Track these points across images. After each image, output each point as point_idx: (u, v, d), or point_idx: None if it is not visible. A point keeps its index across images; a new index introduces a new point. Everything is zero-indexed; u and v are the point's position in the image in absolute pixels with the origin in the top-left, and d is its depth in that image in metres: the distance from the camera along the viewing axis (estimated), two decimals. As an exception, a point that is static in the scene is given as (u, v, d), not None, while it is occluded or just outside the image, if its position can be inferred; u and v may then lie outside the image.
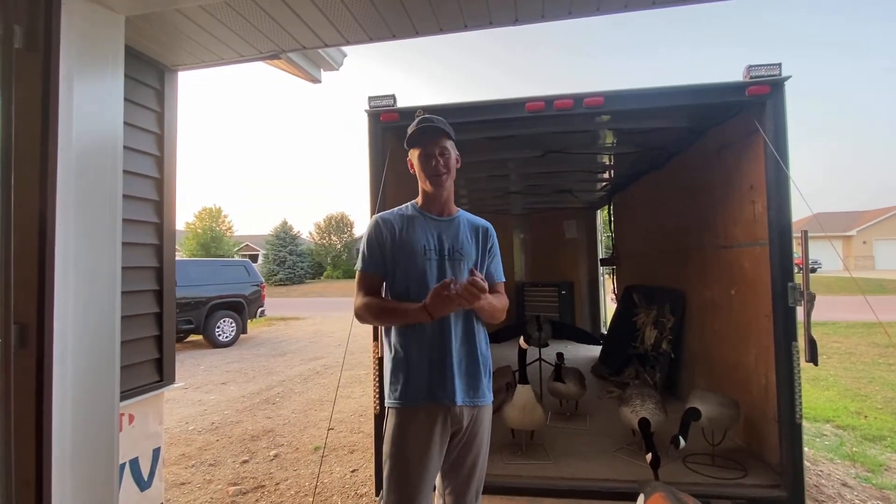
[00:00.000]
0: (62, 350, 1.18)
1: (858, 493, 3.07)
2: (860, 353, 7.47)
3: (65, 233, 1.20)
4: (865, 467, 3.44)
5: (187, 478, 3.43)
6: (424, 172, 1.54)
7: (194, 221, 31.21)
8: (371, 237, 1.55)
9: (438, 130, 1.53)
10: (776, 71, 2.18)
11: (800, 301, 2.11)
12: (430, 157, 1.52)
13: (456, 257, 1.55)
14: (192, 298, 8.76)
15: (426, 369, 1.45)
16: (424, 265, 1.50)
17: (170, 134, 2.14)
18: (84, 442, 1.22)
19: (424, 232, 1.55)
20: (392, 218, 1.56)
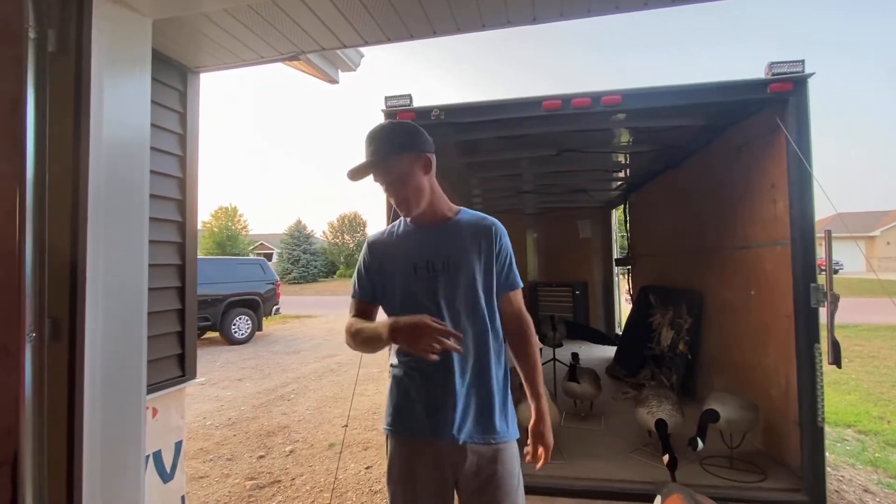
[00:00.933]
0: (93, 344, 1.22)
1: (881, 499, 3.00)
2: (883, 357, 7.28)
3: (95, 230, 1.24)
4: (888, 473, 3.36)
5: (206, 472, 3.50)
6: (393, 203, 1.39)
7: (210, 220, 31.76)
8: (360, 263, 1.44)
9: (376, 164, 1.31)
10: (799, 68, 2.14)
11: (823, 302, 2.07)
12: (384, 187, 1.36)
13: (452, 270, 1.31)
14: (208, 296, 8.92)
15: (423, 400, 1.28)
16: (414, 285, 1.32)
17: (192, 134, 2.18)
18: (113, 433, 1.26)
19: (416, 246, 1.36)
20: (382, 238, 1.44)
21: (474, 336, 1.31)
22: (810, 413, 2.12)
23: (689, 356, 3.63)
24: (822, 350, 2.09)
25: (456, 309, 1.30)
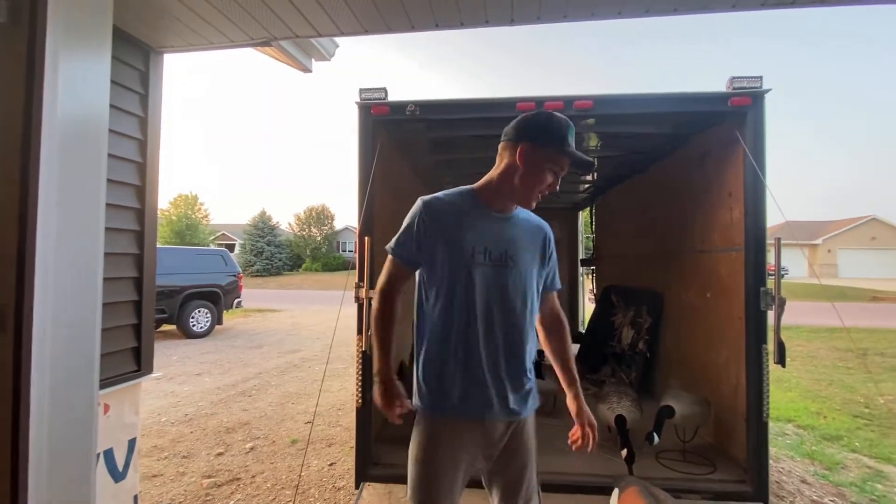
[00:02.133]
0: (41, 336, 1.15)
1: (816, 489, 3.24)
2: (821, 357, 7.83)
3: (47, 215, 1.16)
4: (823, 465, 3.63)
5: (160, 470, 3.36)
6: (538, 187, 1.32)
7: (169, 208, 30.33)
8: (414, 222, 1.33)
9: (592, 169, 1.45)
10: (757, 83, 2.27)
11: (771, 305, 2.20)
12: (556, 179, 1.34)
13: (508, 264, 1.33)
14: (165, 287, 8.53)
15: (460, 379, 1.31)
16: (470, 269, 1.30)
17: (154, 118, 2.08)
18: (62, 430, 1.19)
19: (481, 230, 1.33)
20: (443, 206, 1.33)
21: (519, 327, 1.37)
22: (756, 409, 2.26)
23: (647, 354, 3.79)
24: (768, 350, 2.23)
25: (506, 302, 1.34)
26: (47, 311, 1.16)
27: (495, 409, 1.34)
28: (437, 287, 1.33)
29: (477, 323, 1.31)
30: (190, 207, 30.77)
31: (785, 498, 3.03)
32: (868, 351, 8.32)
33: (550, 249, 1.47)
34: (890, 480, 3.40)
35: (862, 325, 11.09)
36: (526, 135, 1.31)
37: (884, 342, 9.13)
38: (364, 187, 2.33)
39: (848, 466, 3.63)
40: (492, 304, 1.32)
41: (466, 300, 1.30)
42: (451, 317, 1.31)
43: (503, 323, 1.33)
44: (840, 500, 3.09)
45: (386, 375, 1.35)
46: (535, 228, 1.43)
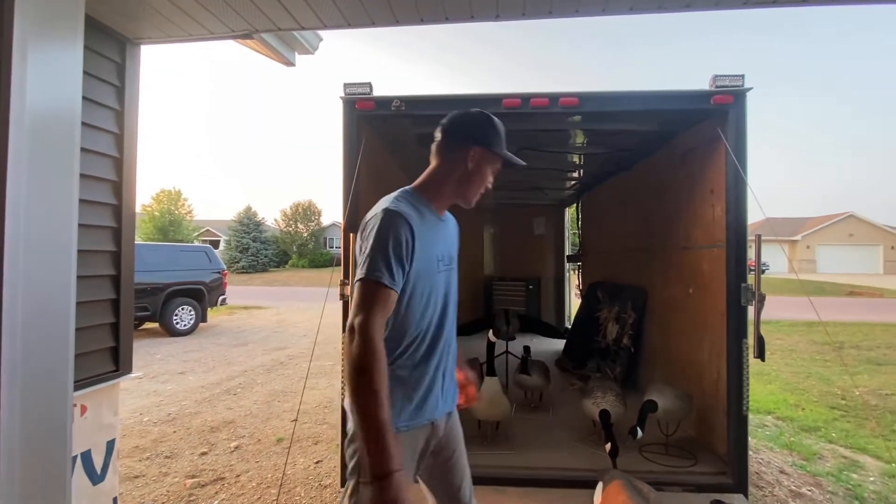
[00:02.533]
0: (11, 334, 1.11)
1: (794, 479, 3.32)
2: (800, 350, 8.02)
3: (15, 211, 1.12)
4: (801, 456, 3.72)
5: (142, 470, 3.31)
6: (478, 188, 1.33)
7: (151, 204, 29.71)
8: (401, 240, 1.14)
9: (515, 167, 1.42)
10: (739, 82, 2.30)
11: (751, 301, 2.24)
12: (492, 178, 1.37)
13: (452, 266, 1.36)
14: (147, 284, 8.36)
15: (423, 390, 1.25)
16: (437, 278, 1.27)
17: (130, 111, 2.02)
18: (35, 433, 1.15)
19: (439, 237, 1.31)
20: (413, 215, 1.20)
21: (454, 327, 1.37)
22: (736, 402, 2.31)
23: (632, 349, 3.84)
24: (748, 345, 2.28)
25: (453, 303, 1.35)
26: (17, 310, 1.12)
27: (441, 404, 1.31)
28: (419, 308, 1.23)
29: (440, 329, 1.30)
30: (173, 203, 30.19)
31: (764, 488, 3.10)
32: (844, 344, 8.56)
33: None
34: (865, 470, 3.51)
35: (839, 320, 11.40)
36: (477, 138, 1.29)
37: (859, 335, 9.40)
38: (349, 183, 2.31)
39: (825, 456, 3.73)
40: (447, 308, 1.32)
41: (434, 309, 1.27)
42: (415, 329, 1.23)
43: (451, 325, 1.34)
44: (817, 490, 3.17)
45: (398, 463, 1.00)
46: (455, 226, 1.45)
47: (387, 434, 0.99)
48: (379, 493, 0.97)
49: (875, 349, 8.12)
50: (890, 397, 5.35)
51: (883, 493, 3.14)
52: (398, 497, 0.97)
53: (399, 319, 1.21)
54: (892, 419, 4.65)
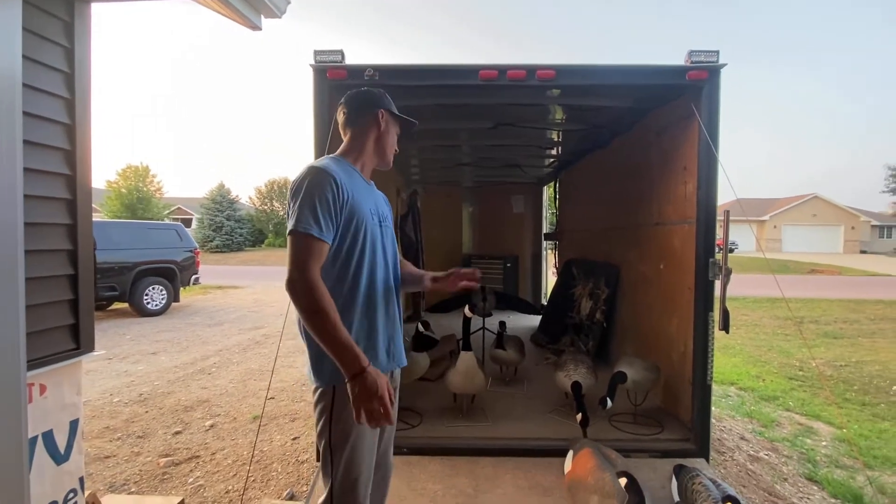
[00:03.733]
0: (-48, 312, 1.04)
1: (753, 445, 3.51)
2: (763, 325, 8.39)
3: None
4: (760, 423, 3.92)
5: (112, 451, 3.24)
6: (389, 149, 1.50)
7: (117, 180, 28.37)
8: (325, 193, 1.23)
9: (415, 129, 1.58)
10: (714, 58, 2.30)
11: (718, 275, 2.31)
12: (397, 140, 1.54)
13: (386, 224, 1.48)
14: (115, 263, 8.06)
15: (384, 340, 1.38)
16: (370, 230, 1.36)
17: (82, 74, 1.89)
18: (-17, 413, 1.10)
19: (365, 194, 1.41)
20: (340, 173, 1.31)
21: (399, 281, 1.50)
22: (701, 373, 2.40)
23: (604, 324, 3.93)
24: (714, 318, 2.35)
25: (394, 258, 1.49)
26: (-43, 285, 1.05)
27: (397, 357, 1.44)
28: (349, 253, 1.31)
29: (386, 279, 1.41)
30: (141, 179, 28.85)
31: (725, 453, 3.26)
32: (804, 319, 8.99)
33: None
34: (818, 435, 3.73)
35: (800, 296, 11.94)
36: (380, 104, 1.47)
37: (818, 310, 9.88)
38: (320, 156, 2.23)
39: (782, 424, 3.95)
40: (389, 261, 1.44)
41: (384, 260, 1.41)
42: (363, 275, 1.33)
43: (393, 277, 1.46)
44: (774, 454, 3.36)
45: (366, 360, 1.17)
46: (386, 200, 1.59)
47: (351, 345, 1.16)
48: (361, 386, 1.14)
49: (832, 323, 8.56)
50: (843, 368, 5.68)
51: (833, 457, 3.35)
52: (377, 383, 1.15)
53: (352, 268, 1.32)
54: (845, 388, 4.94)
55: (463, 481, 2.17)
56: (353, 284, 1.32)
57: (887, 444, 3.53)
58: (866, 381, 5.15)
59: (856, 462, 3.26)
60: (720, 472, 2.91)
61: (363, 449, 1.32)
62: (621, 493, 1.79)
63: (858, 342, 7.07)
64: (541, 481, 2.16)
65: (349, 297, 1.32)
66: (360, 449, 1.31)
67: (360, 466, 1.31)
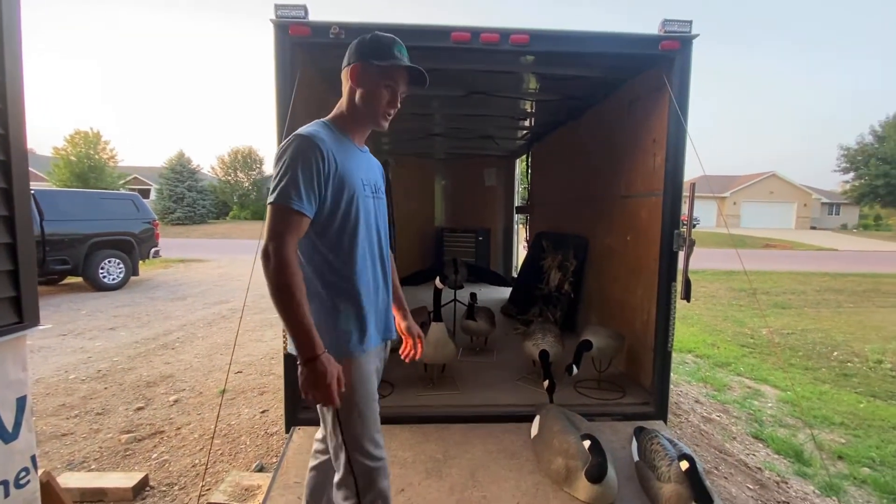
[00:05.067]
0: None
1: (706, 407, 3.73)
2: (720, 297, 8.83)
3: None
4: (713, 387, 4.17)
5: (69, 428, 3.12)
6: (381, 107, 1.31)
7: (65, 147, 26.43)
8: (309, 162, 1.17)
9: (426, 82, 1.34)
10: (687, 28, 2.28)
11: (682, 247, 2.37)
12: (396, 97, 1.32)
13: (379, 196, 1.41)
14: (65, 235, 7.59)
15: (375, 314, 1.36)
16: (362, 201, 1.29)
17: (9, 24, 1.69)
18: None
19: (361, 165, 1.33)
20: (326, 140, 1.23)
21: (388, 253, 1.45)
22: (663, 341, 2.49)
23: (572, 295, 4.02)
24: (677, 288, 2.43)
25: (385, 229, 1.43)
26: None
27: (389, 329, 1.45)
28: (340, 226, 1.26)
29: (377, 253, 1.37)
30: (91, 147, 26.96)
31: (681, 416, 3.45)
32: (757, 290, 9.52)
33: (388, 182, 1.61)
34: (765, 397, 4.00)
35: (754, 269, 12.60)
36: (354, 56, 1.30)
37: (769, 282, 10.47)
38: (283, 121, 2.12)
39: (733, 388, 4.21)
40: (381, 234, 1.40)
41: (372, 232, 1.35)
42: (356, 251, 1.29)
43: (385, 251, 1.42)
44: (725, 416, 3.59)
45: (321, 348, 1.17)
46: (378, 166, 1.50)
47: (309, 329, 1.15)
48: (311, 372, 1.16)
49: (782, 294, 9.10)
50: (790, 335, 6.07)
51: (778, 417, 3.61)
52: (327, 370, 1.16)
53: (344, 241, 1.27)
54: (791, 354, 5.29)
55: (433, 447, 2.21)
56: (345, 258, 1.28)
57: (826, 404, 3.83)
58: (810, 347, 5.53)
59: (798, 421, 3.53)
60: (676, 432, 3.08)
61: (370, 412, 1.33)
62: (584, 454, 1.86)
63: (804, 312, 7.56)
64: (509, 446, 2.22)
65: (341, 270, 1.29)
66: (367, 413, 1.32)
67: (371, 434, 1.32)
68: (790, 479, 2.70)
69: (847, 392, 4.15)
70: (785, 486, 2.61)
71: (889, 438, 3.24)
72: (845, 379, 4.50)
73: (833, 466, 2.89)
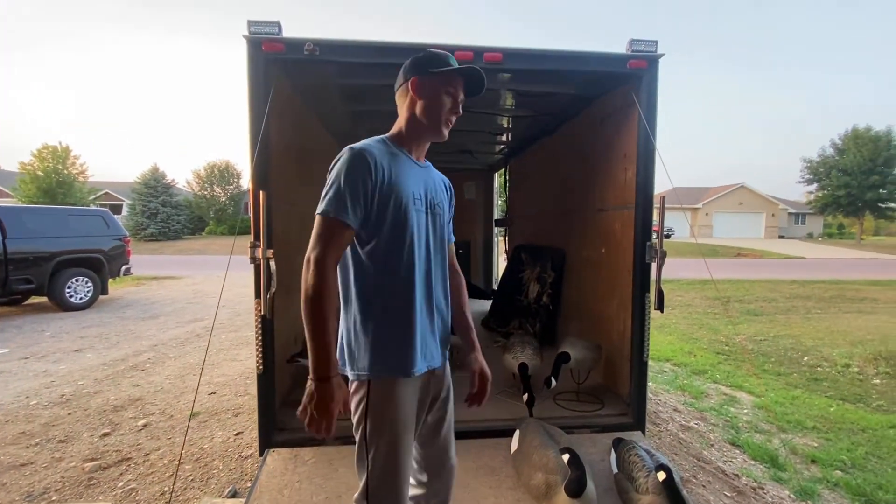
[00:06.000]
0: None
1: (685, 415, 3.78)
2: (695, 305, 9.04)
3: None
4: (691, 395, 4.23)
5: (29, 458, 2.96)
6: (440, 114, 1.29)
7: (32, 162, 25.56)
8: (356, 174, 1.17)
9: (482, 81, 1.33)
10: (653, 48, 2.38)
11: (654, 258, 2.42)
12: (458, 103, 1.32)
13: (437, 212, 1.35)
14: (30, 253, 7.29)
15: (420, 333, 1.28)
16: (413, 217, 1.25)
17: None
18: None
19: (416, 179, 1.30)
20: (377, 152, 1.22)
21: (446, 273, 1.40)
22: (639, 351, 2.52)
23: (550, 307, 4.05)
24: (650, 298, 2.48)
25: (440, 251, 1.37)
26: None
27: (439, 355, 1.37)
28: (382, 240, 1.23)
29: (427, 273, 1.31)
30: (60, 161, 26.15)
31: (660, 425, 3.49)
32: (730, 299, 9.77)
33: (453, 201, 1.52)
34: (740, 404, 4.08)
35: (727, 278, 12.97)
36: (412, 71, 1.32)
37: (742, 291, 10.78)
38: (256, 135, 2.10)
39: (710, 395, 4.28)
40: (432, 253, 1.32)
41: (420, 249, 1.28)
42: (401, 267, 1.24)
43: (439, 271, 1.36)
44: (702, 423, 3.64)
45: (335, 370, 1.15)
46: (444, 180, 1.47)
47: (328, 347, 1.14)
48: (321, 390, 1.13)
49: (754, 302, 9.37)
50: (763, 342, 6.23)
51: (753, 423, 3.68)
52: (333, 394, 1.14)
53: (387, 256, 1.23)
54: (764, 360, 5.43)
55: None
56: (390, 273, 1.24)
57: (798, 409, 3.93)
58: (781, 353, 5.69)
59: (772, 427, 3.60)
60: (655, 442, 3.10)
61: (401, 445, 1.26)
62: (563, 469, 1.85)
63: (775, 318, 7.79)
64: (489, 462, 2.20)
65: (384, 285, 1.24)
66: (396, 445, 1.25)
67: (396, 461, 1.25)
68: (766, 484, 2.74)
69: (818, 396, 4.27)
70: (761, 492, 2.65)
71: (859, 441, 3.34)
72: (816, 383, 4.63)
73: (807, 470, 2.95)
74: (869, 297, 10.11)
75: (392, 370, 1.24)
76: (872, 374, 4.88)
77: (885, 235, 47.48)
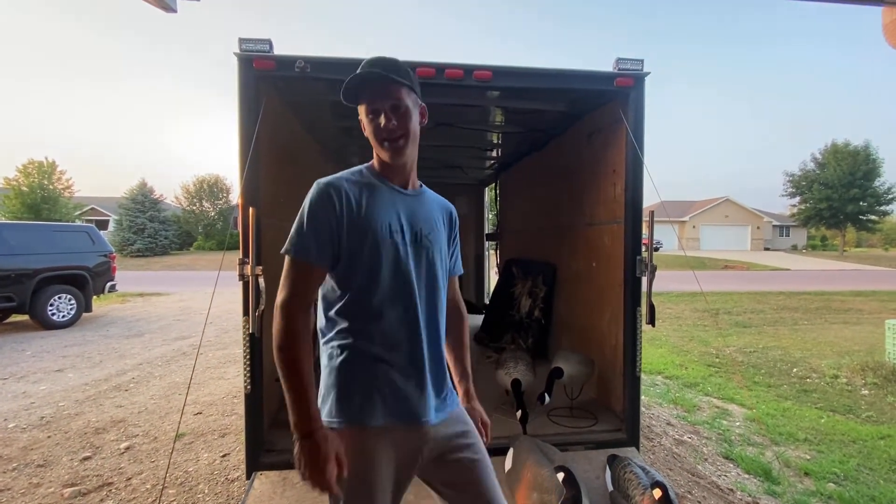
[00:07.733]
0: None
1: (678, 429, 3.76)
2: (685, 318, 9.09)
3: None
4: (684, 408, 4.23)
5: (6, 484, 2.84)
6: (375, 136, 1.17)
7: (17, 177, 25.18)
8: (319, 210, 1.10)
9: (386, 79, 1.14)
10: (639, 66, 2.43)
11: (645, 272, 2.44)
12: (379, 113, 1.16)
13: (425, 244, 1.21)
14: (11, 270, 7.14)
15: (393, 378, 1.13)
16: (389, 252, 1.13)
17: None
18: None
19: (396, 209, 1.18)
20: (345, 185, 1.14)
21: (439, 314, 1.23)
22: (631, 365, 2.52)
23: (542, 321, 4.04)
24: (642, 312, 2.48)
25: (429, 289, 1.21)
26: None
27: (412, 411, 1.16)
28: (358, 282, 1.13)
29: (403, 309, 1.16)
30: (45, 177, 25.80)
31: (654, 439, 3.47)
32: (720, 311, 9.86)
33: (456, 229, 1.40)
34: (732, 416, 4.08)
35: (715, 290, 13.11)
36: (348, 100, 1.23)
37: (730, 302, 10.89)
38: (246, 151, 2.09)
39: (702, 408, 4.28)
40: (415, 291, 1.17)
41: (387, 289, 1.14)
42: (372, 304, 1.13)
43: (424, 312, 1.19)
44: (696, 437, 3.63)
45: (318, 423, 1.05)
46: (442, 206, 1.35)
47: (304, 398, 1.05)
48: (306, 449, 1.04)
49: (742, 314, 9.46)
50: (752, 354, 6.28)
51: (746, 435, 3.68)
52: (320, 450, 1.04)
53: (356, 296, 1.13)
54: (754, 372, 5.46)
55: (404, 487, 2.11)
56: (360, 311, 1.13)
57: (790, 421, 3.94)
58: (771, 364, 5.73)
59: (764, 439, 3.60)
60: (649, 457, 3.08)
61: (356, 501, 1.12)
62: (559, 488, 1.82)
63: (764, 330, 7.87)
64: (482, 481, 2.15)
65: (353, 324, 1.13)
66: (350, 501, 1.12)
67: None
68: (761, 498, 2.73)
69: (808, 408, 4.29)
70: (756, 507, 2.64)
71: (850, 453, 3.35)
72: (806, 395, 4.66)
73: (801, 483, 2.95)
74: (854, 307, 10.28)
75: (350, 416, 1.11)
76: (861, 384, 4.93)
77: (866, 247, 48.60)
